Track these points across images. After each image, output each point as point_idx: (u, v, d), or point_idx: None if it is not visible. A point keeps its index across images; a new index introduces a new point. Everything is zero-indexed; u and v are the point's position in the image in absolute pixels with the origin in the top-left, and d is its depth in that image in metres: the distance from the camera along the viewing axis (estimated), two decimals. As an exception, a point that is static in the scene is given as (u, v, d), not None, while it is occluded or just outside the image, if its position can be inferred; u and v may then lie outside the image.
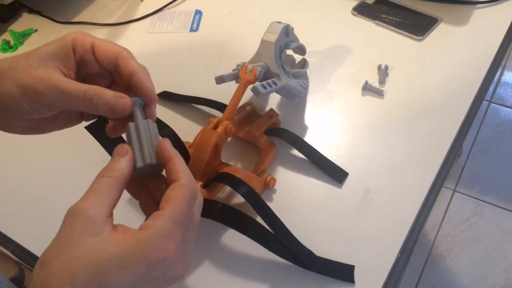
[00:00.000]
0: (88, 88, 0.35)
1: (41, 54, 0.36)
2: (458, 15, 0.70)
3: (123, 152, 0.35)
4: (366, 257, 0.47)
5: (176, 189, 0.32)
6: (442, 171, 0.53)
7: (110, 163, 0.34)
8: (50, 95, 0.34)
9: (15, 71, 0.35)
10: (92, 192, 0.32)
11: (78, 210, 0.30)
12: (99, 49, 0.38)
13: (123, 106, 0.36)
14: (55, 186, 0.57)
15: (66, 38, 0.38)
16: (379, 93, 0.61)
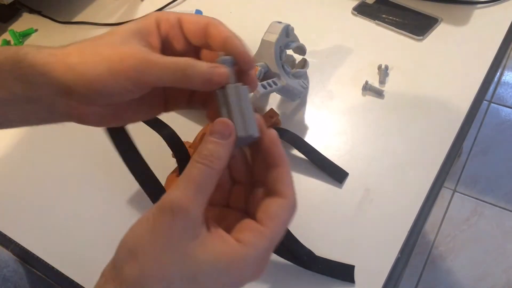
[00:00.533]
0: (180, 59, 0.32)
1: (123, 32, 0.33)
2: (458, 15, 0.70)
3: (227, 133, 0.30)
4: (366, 257, 0.47)
5: (283, 208, 0.30)
6: (442, 171, 0.53)
7: (210, 145, 0.30)
8: (139, 70, 0.31)
9: (98, 46, 0.32)
10: (193, 185, 0.28)
11: (179, 207, 0.27)
12: (187, 22, 0.35)
13: (220, 75, 0.32)
14: (55, 186, 0.57)
15: (149, 16, 0.35)
16: (379, 93, 0.61)
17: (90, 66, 0.31)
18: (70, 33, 0.77)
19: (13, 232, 0.53)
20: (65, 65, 0.32)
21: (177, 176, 0.50)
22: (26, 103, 0.33)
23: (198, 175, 0.29)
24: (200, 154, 0.29)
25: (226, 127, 0.30)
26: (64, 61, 0.32)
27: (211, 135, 0.30)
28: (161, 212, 0.28)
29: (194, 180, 0.28)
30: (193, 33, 0.35)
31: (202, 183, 0.28)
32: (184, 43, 0.35)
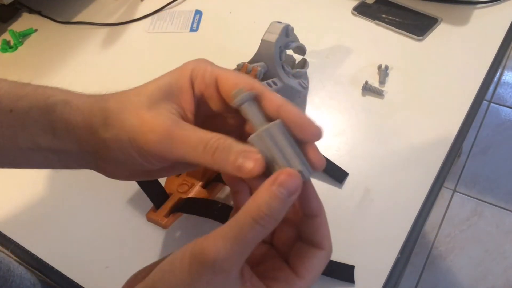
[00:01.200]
0: (210, 137, 0.28)
1: (152, 90, 0.29)
2: (458, 15, 0.70)
3: (294, 190, 0.26)
4: (366, 257, 0.47)
5: (320, 259, 0.30)
6: (442, 171, 0.53)
7: (274, 203, 0.25)
8: (162, 145, 0.28)
9: (122, 112, 0.29)
10: (242, 245, 0.25)
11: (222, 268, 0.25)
12: (225, 83, 0.30)
13: (252, 166, 0.27)
14: (56, 186, 0.57)
15: (183, 70, 0.31)
16: (379, 93, 0.61)
17: (112, 134, 0.29)
18: (70, 33, 0.77)
19: (13, 232, 0.53)
20: (90, 128, 0.30)
21: (176, 176, 0.50)
22: (52, 154, 0.31)
23: (251, 237, 0.25)
24: (259, 211, 0.25)
25: (296, 182, 0.26)
26: (89, 123, 0.30)
27: (277, 187, 0.25)
28: (200, 264, 0.25)
29: (245, 240, 0.25)
30: (230, 98, 0.30)
31: (250, 244, 0.26)
32: (221, 104, 0.31)
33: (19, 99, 0.30)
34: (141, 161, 0.29)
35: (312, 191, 0.30)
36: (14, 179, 0.58)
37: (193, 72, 0.31)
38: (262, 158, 0.27)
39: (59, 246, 0.51)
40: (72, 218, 0.54)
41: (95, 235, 0.52)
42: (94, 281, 0.48)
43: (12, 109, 0.30)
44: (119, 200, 0.54)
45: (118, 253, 0.50)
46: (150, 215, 0.48)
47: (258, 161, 0.27)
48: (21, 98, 0.30)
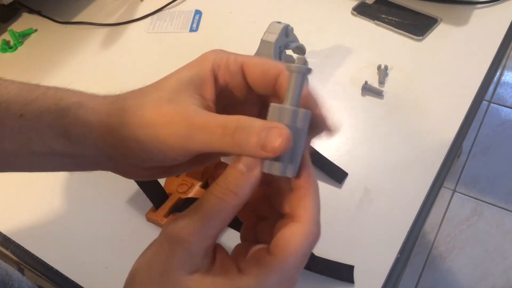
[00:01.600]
0: (230, 120, 0.26)
1: (172, 83, 0.29)
2: (458, 15, 0.70)
3: (253, 163, 0.26)
4: (366, 257, 0.47)
5: (296, 235, 0.26)
6: (442, 171, 0.53)
7: (230, 176, 0.26)
8: (183, 137, 0.27)
9: (141, 107, 0.28)
10: (200, 218, 0.26)
11: (180, 238, 0.25)
12: (253, 70, 0.29)
13: (278, 142, 0.25)
14: (55, 187, 0.57)
15: (205, 60, 0.30)
16: (379, 93, 0.61)
17: (130, 131, 0.28)
18: (70, 33, 0.77)
19: (13, 233, 0.53)
20: (107, 129, 0.29)
21: (176, 176, 0.50)
22: (67, 158, 0.31)
23: (209, 208, 0.26)
24: (216, 184, 0.26)
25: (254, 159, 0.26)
26: (106, 124, 0.29)
27: (235, 161, 0.26)
28: (162, 240, 0.26)
29: (203, 213, 0.26)
30: (260, 83, 0.29)
31: (212, 217, 0.26)
32: (246, 91, 0.30)
33: (29, 103, 0.29)
34: (162, 158, 0.28)
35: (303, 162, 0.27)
36: (13, 180, 0.58)
37: (215, 62, 0.29)
38: (289, 133, 0.25)
39: (58, 246, 0.51)
40: (72, 218, 0.54)
41: (95, 235, 0.52)
42: (93, 281, 0.48)
43: (22, 114, 0.29)
44: (118, 200, 0.54)
45: (117, 253, 0.50)
46: (149, 215, 0.48)
47: (285, 136, 0.25)
48: (31, 102, 0.29)
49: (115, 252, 0.50)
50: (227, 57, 0.30)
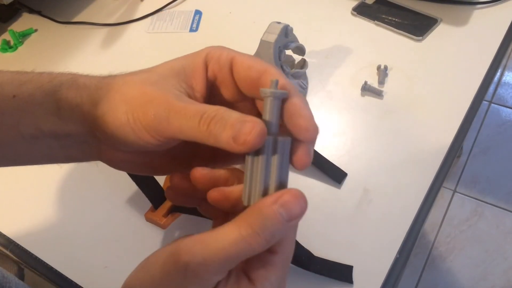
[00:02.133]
0: (208, 109, 0.26)
1: (164, 69, 0.29)
2: (457, 15, 0.70)
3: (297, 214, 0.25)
4: (365, 257, 0.47)
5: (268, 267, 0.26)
6: (441, 172, 0.53)
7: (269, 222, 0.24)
8: (158, 118, 0.26)
9: (128, 84, 0.28)
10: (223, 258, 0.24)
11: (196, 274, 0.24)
12: (240, 66, 0.28)
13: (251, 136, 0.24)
14: (54, 187, 0.57)
15: (199, 52, 0.30)
16: (378, 94, 0.61)
17: (110, 105, 0.28)
18: (70, 33, 0.77)
19: (12, 232, 0.53)
20: (93, 100, 0.29)
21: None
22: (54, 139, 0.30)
23: (233, 249, 0.24)
24: (250, 224, 0.24)
25: (302, 207, 0.24)
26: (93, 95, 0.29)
27: (279, 207, 0.24)
28: (174, 265, 0.24)
29: (226, 252, 0.24)
30: (243, 80, 0.28)
31: (234, 259, 0.24)
32: (234, 90, 0.30)
33: (23, 84, 0.29)
34: (135, 138, 0.27)
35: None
36: (13, 180, 0.58)
37: (209, 54, 0.29)
38: (263, 128, 0.24)
39: (58, 246, 0.51)
40: (71, 218, 0.54)
41: (94, 235, 0.52)
42: (92, 281, 0.48)
43: (15, 95, 0.29)
44: (117, 200, 0.54)
45: (116, 253, 0.50)
46: (148, 215, 0.48)
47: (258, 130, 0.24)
48: (25, 83, 0.29)
49: (114, 252, 0.50)
50: (221, 51, 0.29)
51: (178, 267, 0.24)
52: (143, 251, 0.51)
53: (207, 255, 0.23)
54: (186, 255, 0.24)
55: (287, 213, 0.24)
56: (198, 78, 0.29)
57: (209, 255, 0.23)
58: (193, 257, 0.23)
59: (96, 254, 0.50)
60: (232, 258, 0.24)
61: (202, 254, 0.23)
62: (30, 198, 0.56)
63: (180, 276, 0.23)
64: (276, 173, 0.25)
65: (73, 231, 0.52)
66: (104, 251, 0.50)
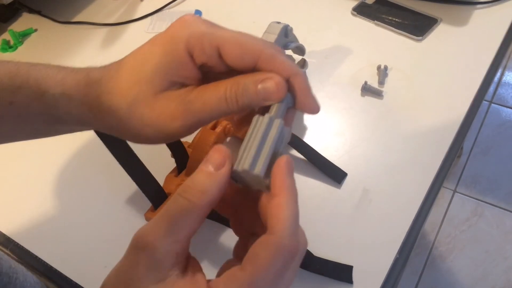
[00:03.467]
0: (224, 90, 0.27)
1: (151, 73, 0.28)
2: (457, 15, 0.70)
3: (219, 162, 0.26)
4: (365, 257, 0.47)
5: (266, 248, 0.24)
6: (441, 172, 0.53)
7: (197, 176, 0.26)
8: (190, 124, 0.28)
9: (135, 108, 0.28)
10: (164, 220, 0.25)
11: (144, 244, 0.24)
12: (229, 53, 0.28)
13: (277, 87, 0.26)
14: (54, 186, 0.57)
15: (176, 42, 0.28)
16: (378, 94, 0.61)
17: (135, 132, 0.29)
18: (70, 33, 0.77)
19: (12, 232, 0.53)
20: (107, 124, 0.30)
21: (175, 176, 0.50)
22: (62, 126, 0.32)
23: (174, 209, 0.25)
24: (184, 185, 0.25)
25: (220, 155, 0.26)
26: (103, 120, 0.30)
27: (203, 163, 0.26)
28: (129, 248, 0.25)
29: (169, 215, 0.25)
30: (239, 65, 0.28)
31: (178, 219, 0.24)
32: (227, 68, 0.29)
33: (16, 90, 0.30)
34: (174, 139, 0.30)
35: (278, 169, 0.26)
36: (12, 180, 0.58)
37: (189, 44, 0.28)
38: (282, 80, 0.27)
39: (58, 245, 0.51)
40: (71, 218, 0.54)
41: (94, 234, 0.52)
42: (92, 280, 0.48)
43: (12, 101, 0.30)
44: (117, 200, 0.54)
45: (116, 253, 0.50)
46: (148, 214, 0.48)
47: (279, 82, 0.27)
48: (18, 90, 0.30)
49: (114, 252, 0.50)
50: (201, 37, 0.28)
51: (132, 247, 0.25)
52: (142, 251, 0.51)
53: (153, 226, 0.25)
54: (136, 236, 0.25)
55: (212, 165, 0.26)
56: (188, 69, 0.29)
57: (155, 225, 0.25)
58: (142, 231, 0.25)
59: (96, 253, 0.50)
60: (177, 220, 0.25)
61: (148, 227, 0.25)
62: (30, 197, 0.56)
63: (133, 255, 0.24)
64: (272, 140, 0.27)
65: (73, 231, 0.52)
66: (104, 251, 0.50)
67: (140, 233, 0.25)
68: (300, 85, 0.28)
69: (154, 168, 0.48)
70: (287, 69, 0.27)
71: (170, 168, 0.53)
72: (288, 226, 0.24)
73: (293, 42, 0.57)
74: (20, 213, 0.55)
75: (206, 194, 0.25)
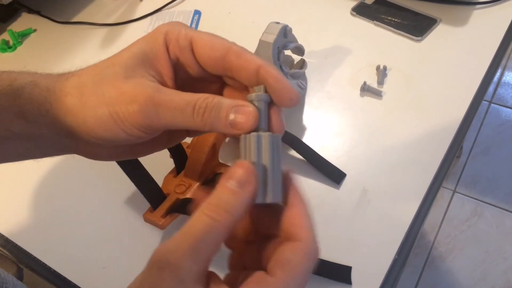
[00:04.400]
0: (197, 98, 0.27)
1: (126, 59, 0.28)
2: (457, 15, 0.70)
3: (245, 179, 0.25)
4: (364, 258, 0.47)
5: (295, 252, 0.25)
6: (441, 172, 0.53)
7: (223, 194, 0.25)
8: (147, 114, 0.27)
9: (99, 85, 0.28)
10: (191, 239, 0.24)
11: (168, 264, 0.23)
12: (200, 47, 0.29)
13: (247, 119, 0.26)
14: (53, 186, 0.57)
15: (156, 34, 0.29)
16: (378, 94, 0.61)
17: (90, 110, 0.27)
18: (69, 33, 0.77)
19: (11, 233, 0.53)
20: (64, 106, 0.28)
21: (174, 176, 0.50)
22: (28, 141, 0.30)
23: (200, 229, 0.24)
24: (208, 203, 0.25)
25: (248, 173, 0.25)
26: (63, 101, 0.28)
27: (227, 180, 0.25)
28: (150, 265, 0.24)
29: (194, 233, 0.24)
30: (207, 60, 0.29)
31: (203, 239, 0.24)
32: (198, 68, 0.30)
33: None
34: (125, 136, 0.28)
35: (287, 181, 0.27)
36: (11, 180, 0.58)
37: (167, 36, 0.29)
38: (255, 111, 0.27)
39: (56, 246, 0.51)
40: (69, 219, 0.54)
41: (92, 235, 0.52)
42: (91, 281, 0.48)
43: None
44: (116, 200, 0.54)
45: (115, 254, 0.50)
46: (147, 215, 0.48)
47: (251, 114, 0.26)
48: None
49: (113, 253, 0.50)
50: (178, 31, 0.29)
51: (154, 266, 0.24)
52: (141, 252, 0.51)
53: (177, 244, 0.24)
54: (158, 254, 0.24)
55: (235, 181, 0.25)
56: (162, 62, 0.29)
57: (179, 243, 0.24)
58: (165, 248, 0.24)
59: (95, 254, 0.50)
60: (203, 240, 0.24)
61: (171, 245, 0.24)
62: (28, 198, 0.56)
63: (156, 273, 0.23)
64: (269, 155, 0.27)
65: (71, 232, 0.52)
66: (102, 252, 0.50)
67: (164, 251, 0.24)
68: (270, 73, 0.27)
69: (152, 169, 0.48)
70: (256, 61, 0.28)
71: (168, 168, 0.53)
72: (312, 232, 0.26)
73: (292, 42, 0.57)
74: (18, 214, 0.55)
75: (232, 214, 0.25)
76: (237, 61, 0.28)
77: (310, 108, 0.61)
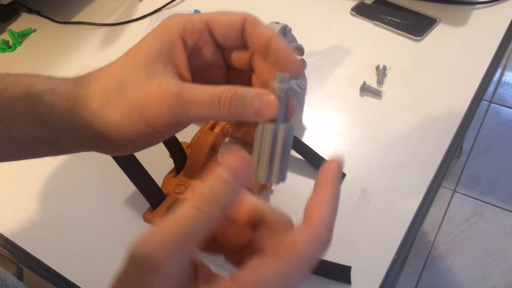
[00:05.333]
0: (221, 91, 0.27)
1: (142, 58, 0.29)
2: (457, 15, 0.70)
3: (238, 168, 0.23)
4: (363, 258, 0.47)
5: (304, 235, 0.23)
6: (440, 172, 0.53)
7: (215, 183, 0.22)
8: (177, 113, 0.27)
9: (124, 89, 0.28)
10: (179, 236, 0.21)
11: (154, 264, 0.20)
12: (219, 25, 0.30)
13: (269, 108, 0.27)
14: (53, 186, 0.57)
15: (167, 27, 0.29)
16: (377, 94, 0.61)
17: (119, 114, 0.28)
18: (69, 33, 0.77)
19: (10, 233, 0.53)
20: (91, 112, 0.29)
21: (173, 176, 0.50)
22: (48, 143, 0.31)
23: (185, 221, 0.21)
24: (198, 194, 0.22)
25: (243, 162, 0.23)
26: (88, 107, 0.29)
27: (220, 168, 0.23)
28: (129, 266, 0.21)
29: (182, 229, 0.21)
30: (227, 36, 0.30)
31: (193, 235, 0.21)
32: (213, 49, 0.31)
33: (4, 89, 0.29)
34: (156, 134, 0.29)
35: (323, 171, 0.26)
36: (11, 180, 0.58)
37: (179, 26, 0.30)
38: (276, 100, 0.28)
39: (56, 246, 0.51)
40: (69, 218, 0.54)
41: (92, 235, 0.52)
42: (91, 281, 0.48)
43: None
44: (116, 200, 0.54)
45: (115, 254, 0.50)
46: (146, 215, 0.48)
47: (273, 103, 0.27)
48: (3, 91, 0.29)
49: (113, 253, 0.50)
50: (190, 18, 0.30)
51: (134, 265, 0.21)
52: (141, 252, 0.51)
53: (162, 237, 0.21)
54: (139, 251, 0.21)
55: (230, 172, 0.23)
56: (178, 54, 0.29)
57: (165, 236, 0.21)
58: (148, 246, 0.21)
59: (95, 254, 0.50)
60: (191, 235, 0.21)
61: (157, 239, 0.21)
62: (28, 198, 0.56)
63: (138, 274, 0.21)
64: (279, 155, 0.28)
65: (71, 231, 0.52)
66: (102, 252, 0.50)
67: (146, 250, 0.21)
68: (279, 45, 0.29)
69: (152, 169, 0.48)
70: (268, 33, 0.30)
71: (168, 168, 0.53)
72: (327, 218, 0.24)
73: (292, 42, 0.57)
74: (18, 214, 0.55)
75: (223, 205, 0.22)
76: (252, 30, 0.30)
77: (309, 108, 0.61)
